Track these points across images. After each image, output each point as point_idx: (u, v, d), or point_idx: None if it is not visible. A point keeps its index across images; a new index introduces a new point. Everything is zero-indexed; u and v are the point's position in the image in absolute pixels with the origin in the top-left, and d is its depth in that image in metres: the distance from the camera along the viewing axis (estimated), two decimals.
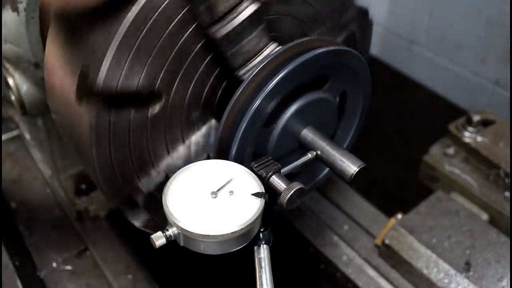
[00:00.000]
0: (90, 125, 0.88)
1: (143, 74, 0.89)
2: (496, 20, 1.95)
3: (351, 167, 0.96)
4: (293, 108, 1.01)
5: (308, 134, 1.04)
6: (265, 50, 0.97)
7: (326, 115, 1.10)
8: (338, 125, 1.18)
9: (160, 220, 1.05)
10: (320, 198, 1.67)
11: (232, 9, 0.91)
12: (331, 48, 0.99)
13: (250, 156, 1.00)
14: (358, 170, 0.96)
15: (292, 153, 1.07)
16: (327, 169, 1.09)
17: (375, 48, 2.46)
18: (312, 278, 1.59)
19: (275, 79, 0.92)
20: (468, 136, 1.63)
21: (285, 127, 1.01)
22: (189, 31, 0.91)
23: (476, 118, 1.62)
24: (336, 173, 1.00)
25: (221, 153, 0.99)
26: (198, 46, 0.93)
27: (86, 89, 0.87)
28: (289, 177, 0.94)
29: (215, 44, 0.93)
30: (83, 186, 1.49)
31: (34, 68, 1.21)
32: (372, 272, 1.47)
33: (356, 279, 1.47)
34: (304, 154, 1.04)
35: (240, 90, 0.94)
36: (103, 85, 0.85)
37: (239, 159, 0.97)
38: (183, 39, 0.91)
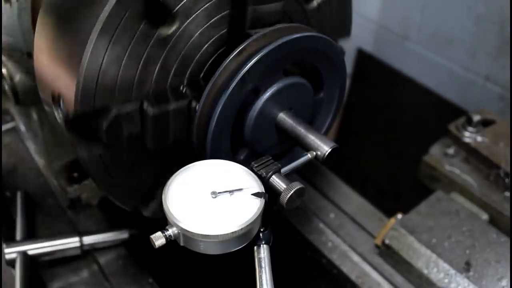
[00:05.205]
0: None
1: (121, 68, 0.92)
2: (486, 16, 1.97)
3: (324, 147, 1.03)
4: (270, 91, 1.04)
5: (284, 117, 1.09)
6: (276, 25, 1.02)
7: (303, 100, 1.13)
8: (316, 112, 1.21)
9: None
10: (321, 198, 1.68)
11: None
12: (301, 34, 1.03)
13: (227, 139, 1.04)
14: (331, 151, 1.03)
15: (269, 136, 1.11)
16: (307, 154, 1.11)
17: (368, 45, 2.48)
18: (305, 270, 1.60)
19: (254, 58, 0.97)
20: (468, 136, 1.63)
21: (262, 109, 1.05)
22: None
23: (476, 118, 1.62)
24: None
25: (200, 134, 1.02)
26: None
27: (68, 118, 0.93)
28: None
29: None
30: (75, 175, 1.52)
31: (27, 58, 1.23)
32: (372, 271, 1.47)
33: (349, 274, 1.47)
34: (282, 137, 1.11)
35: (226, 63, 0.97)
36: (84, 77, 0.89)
37: (216, 142, 1.01)
38: None
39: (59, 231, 1.47)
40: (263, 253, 0.96)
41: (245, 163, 0.98)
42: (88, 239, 1.41)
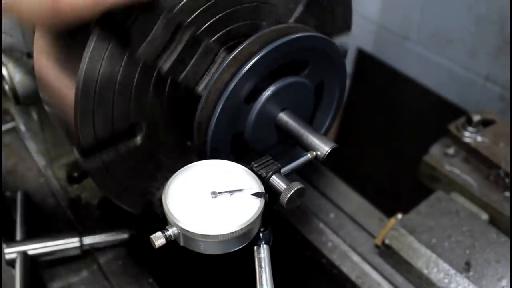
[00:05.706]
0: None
1: (113, 114, 0.94)
2: (486, 16, 1.97)
3: (324, 147, 1.03)
4: (269, 92, 1.04)
5: (284, 117, 1.08)
6: (216, 61, 0.99)
7: (302, 99, 1.13)
8: (315, 112, 1.21)
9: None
10: (321, 198, 1.68)
11: (169, 41, 0.92)
12: (295, 36, 1.00)
13: (228, 139, 1.04)
14: (331, 151, 1.02)
15: (269, 136, 1.11)
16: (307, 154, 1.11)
17: (368, 45, 2.48)
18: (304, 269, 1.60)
19: (230, 86, 0.96)
20: (468, 136, 1.63)
21: (261, 109, 1.05)
22: (139, 69, 0.94)
23: (476, 118, 1.62)
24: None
25: (200, 134, 1.02)
26: (153, 79, 0.97)
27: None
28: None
29: (165, 75, 0.96)
30: (75, 174, 1.52)
31: (27, 58, 1.24)
32: (372, 271, 1.47)
33: (349, 274, 1.47)
34: (282, 137, 1.11)
35: (200, 107, 0.98)
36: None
37: (216, 142, 1.01)
38: (136, 76, 0.95)
39: (59, 231, 1.47)
40: (263, 253, 0.96)
41: (245, 163, 0.98)
42: (88, 239, 1.41)
